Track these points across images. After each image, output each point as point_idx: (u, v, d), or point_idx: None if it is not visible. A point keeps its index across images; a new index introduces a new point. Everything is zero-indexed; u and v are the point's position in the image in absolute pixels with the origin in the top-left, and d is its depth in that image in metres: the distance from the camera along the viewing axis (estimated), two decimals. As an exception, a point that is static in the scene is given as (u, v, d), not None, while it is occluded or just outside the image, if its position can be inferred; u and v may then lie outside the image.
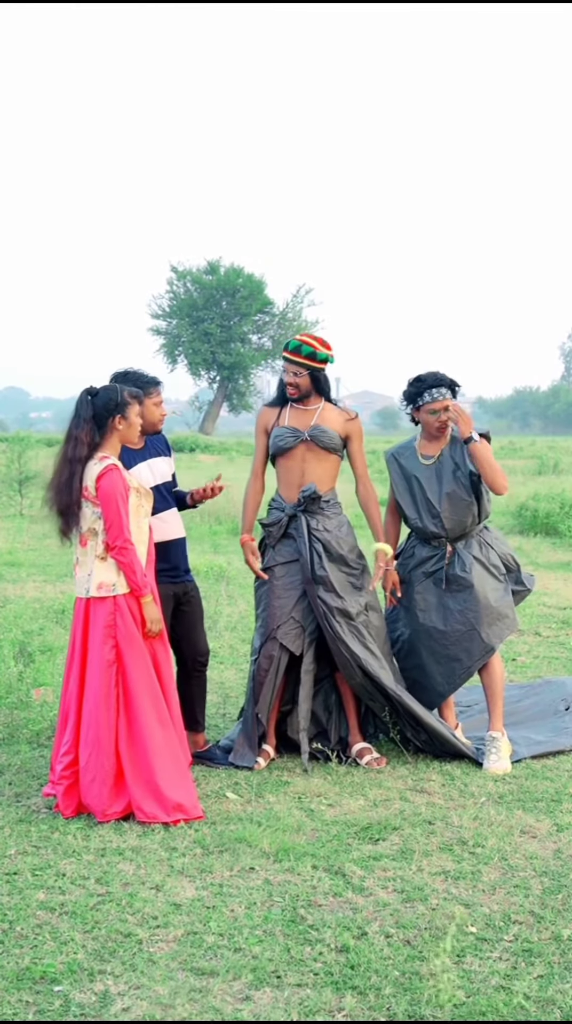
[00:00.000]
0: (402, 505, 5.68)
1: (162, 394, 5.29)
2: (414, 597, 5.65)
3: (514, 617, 5.60)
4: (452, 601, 5.54)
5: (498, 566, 5.59)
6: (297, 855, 4.30)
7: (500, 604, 5.53)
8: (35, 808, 4.86)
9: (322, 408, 5.57)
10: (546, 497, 15.32)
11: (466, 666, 5.55)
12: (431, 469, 5.58)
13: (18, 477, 18.01)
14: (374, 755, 5.51)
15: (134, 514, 4.78)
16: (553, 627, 8.90)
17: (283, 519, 5.54)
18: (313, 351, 5.49)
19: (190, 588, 5.43)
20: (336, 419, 5.58)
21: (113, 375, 5.22)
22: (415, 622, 5.63)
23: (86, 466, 4.75)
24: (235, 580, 10.43)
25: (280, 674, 5.47)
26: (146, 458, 5.26)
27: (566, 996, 3.28)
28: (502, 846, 4.43)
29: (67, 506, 4.74)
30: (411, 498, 5.63)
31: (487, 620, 5.49)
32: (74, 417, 4.81)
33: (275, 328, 62.02)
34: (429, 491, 5.55)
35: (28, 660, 6.26)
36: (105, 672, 4.69)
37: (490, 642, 5.50)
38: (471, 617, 5.49)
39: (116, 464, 4.75)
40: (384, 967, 3.44)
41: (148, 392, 5.17)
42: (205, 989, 3.32)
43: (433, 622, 5.57)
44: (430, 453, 5.61)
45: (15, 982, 3.36)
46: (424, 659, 5.63)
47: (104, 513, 4.71)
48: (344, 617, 5.43)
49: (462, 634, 5.51)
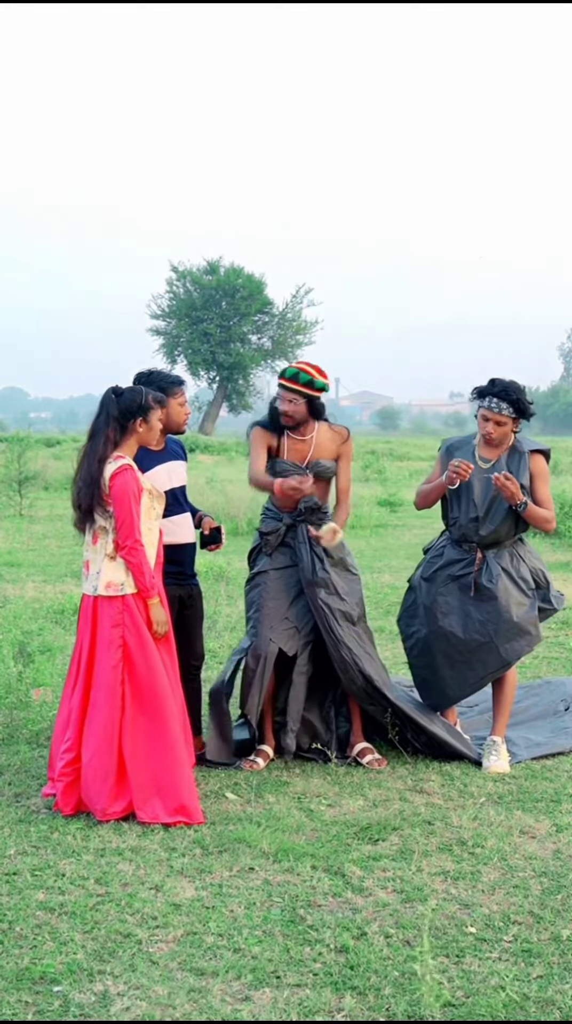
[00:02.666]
0: (447, 500, 5.58)
1: (186, 394, 5.33)
2: (436, 598, 5.54)
3: (537, 634, 5.47)
4: (475, 610, 5.45)
5: (527, 580, 5.47)
6: (296, 855, 4.30)
7: (523, 620, 5.41)
8: (34, 808, 4.86)
9: (316, 434, 5.54)
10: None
11: (479, 676, 5.50)
12: (485, 473, 5.44)
13: (17, 477, 18.00)
14: (375, 755, 5.51)
15: (145, 516, 4.78)
16: (553, 627, 8.89)
17: (281, 528, 5.53)
18: (311, 379, 5.46)
19: (194, 592, 5.43)
20: (330, 445, 5.56)
21: (136, 376, 5.24)
22: (433, 623, 5.55)
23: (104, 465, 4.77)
24: (235, 580, 10.42)
25: (267, 674, 5.41)
26: (165, 460, 5.26)
27: (565, 996, 3.28)
28: (501, 846, 4.43)
29: (90, 504, 4.75)
30: (456, 495, 5.52)
31: (507, 634, 5.40)
32: (101, 414, 4.81)
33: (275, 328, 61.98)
34: (476, 494, 5.43)
35: (28, 660, 6.25)
36: (111, 671, 4.69)
37: (507, 657, 5.43)
38: (491, 629, 5.41)
39: (130, 464, 4.76)
40: (383, 967, 3.44)
41: (172, 392, 5.21)
42: (204, 989, 3.32)
43: (452, 627, 5.49)
44: (488, 457, 5.48)
45: (14, 982, 3.36)
46: (437, 661, 5.57)
47: (116, 513, 4.71)
48: (346, 620, 5.42)
49: (480, 645, 5.43)
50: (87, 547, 4.86)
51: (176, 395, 5.23)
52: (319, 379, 5.48)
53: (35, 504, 17.83)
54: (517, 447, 5.48)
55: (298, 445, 5.56)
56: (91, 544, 4.83)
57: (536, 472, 5.44)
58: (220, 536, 5.44)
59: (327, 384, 5.52)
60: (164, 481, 5.20)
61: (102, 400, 4.86)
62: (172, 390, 5.21)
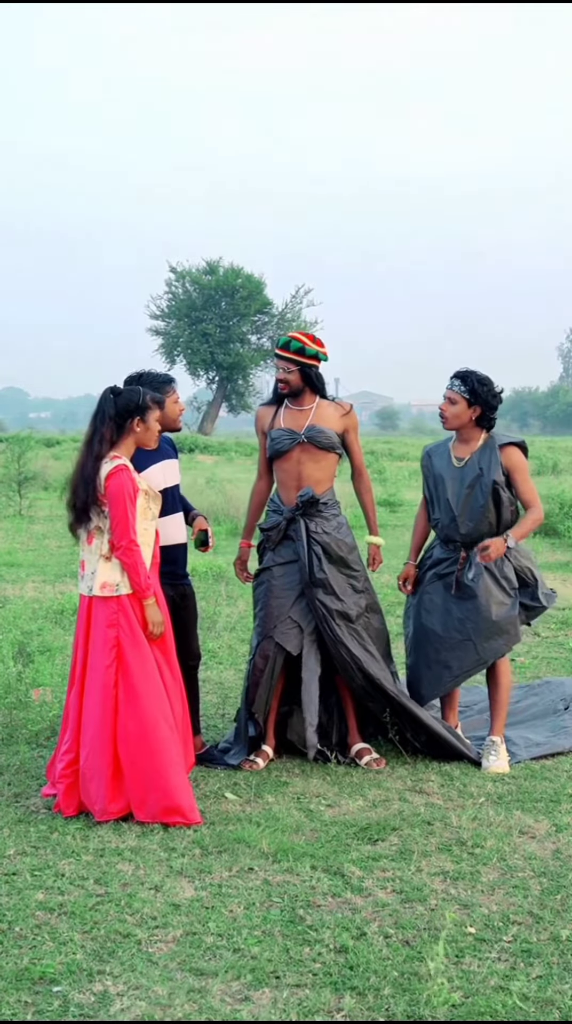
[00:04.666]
0: (429, 502, 5.69)
1: (178, 391, 5.37)
2: (422, 596, 5.65)
3: (515, 634, 5.49)
4: (456, 608, 5.50)
5: (510, 579, 5.49)
6: (296, 855, 4.30)
7: (502, 619, 5.44)
8: (34, 808, 4.86)
9: (317, 406, 5.57)
10: (545, 497, 15.29)
11: (454, 675, 5.54)
12: (458, 471, 5.52)
13: (17, 477, 18.00)
14: (373, 756, 5.51)
15: (141, 516, 4.78)
16: (552, 627, 8.90)
17: (281, 523, 5.54)
18: (302, 346, 5.49)
19: (187, 591, 5.44)
20: (332, 415, 5.58)
21: (127, 378, 5.25)
22: (418, 621, 5.65)
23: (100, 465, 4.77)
24: (234, 580, 10.42)
25: (276, 674, 5.45)
26: (159, 460, 5.28)
27: (565, 996, 3.28)
28: (501, 846, 4.43)
29: (85, 504, 4.75)
30: (435, 497, 5.62)
31: (486, 633, 5.44)
32: (98, 414, 4.82)
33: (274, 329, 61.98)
34: (451, 492, 5.51)
35: (27, 660, 6.26)
36: (104, 672, 4.69)
37: (483, 656, 5.46)
38: (469, 627, 5.45)
39: (126, 464, 4.76)
40: (383, 967, 3.44)
41: (165, 391, 5.24)
42: (204, 989, 3.32)
43: (433, 624, 5.56)
44: (462, 455, 5.55)
45: (14, 982, 3.36)
46: (417, 659, 5.65)
47: (111, 512, 4.71)
48: (344, 619, 5.42)
49: (457, 642, 5.48)
50: (83, 547, 4.86)
51: (169, 393, 5.27)
52: (312, 347, 5.51)
53: (35, 504, 17.83)
54: (489, 443, 5.54)
55: (295, 414, 5.58)
56: (87, 544, 4.83)
57: (513, 466, 5.48)
58: (207, 538, 5.46)
59: (321, 352, 5.54)
60: (159, 480, 5.21)
61: (100, 399, 4.87)
62: (164, 389, 5.24)
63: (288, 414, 5.59)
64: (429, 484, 5.69)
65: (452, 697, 5.77)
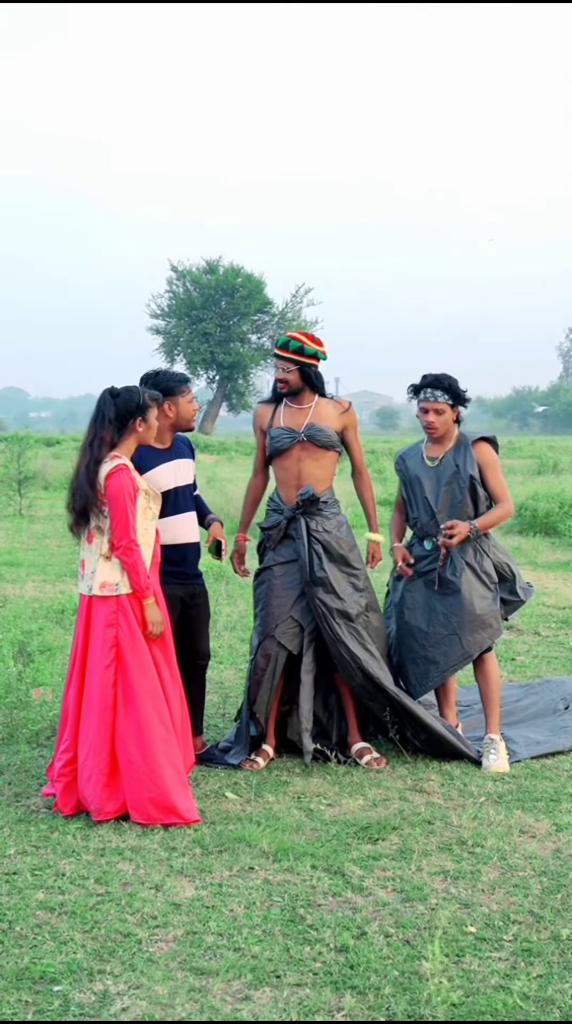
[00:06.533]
0: (406, 503, 5.74)
1: (193, 391, 5.40)
2: (404, 595, 5.68)
3: (498, 627, 5.57)
4: (439, 604, 5.55)
5: (490, 574, 5.56)
6: (296, 855, 4.30)
7: (485, 613, 5.51)
8: (34, 808, 4.86)
9: (316, 405, 5.58)
10: (545, 497, 15.31)
11: (441, 670, 5.57)
12: (433, 470, 5.61)
13: (17, 477, 18.00)
14: (374, 755, 5.51)
15: (141, 516, 4.78)
16: (552, 627, 8.90)
17: (282, 522, 5.54)
18: (301, 346, 5.51)
19: (198, 591, 5.43)
20: (331, 414, 5.59)
21: (143, 376, 5.27)
22: (401, 619, 5.68)
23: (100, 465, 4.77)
24: (235, 580, 10.42)
25: (278, 673, 5.46)
26: (172, 459, 5.28)
27: (565, 996, 3.28)
28: (501, 846, 4.43)
29: (85, 507, 4.75)
30: (412, 497, 5.69)
31: (470, 627, 5.49)
32: (98, 417, 4.81)
33: (274, 328, 62.00)
34: (428, 491, 5.59)
35: (27, 660, 6.26)
36: (103, 672, 4.69)
37: (469, 649, 5.51)
38: (454, 622, 5.50)
39: (126, 464, 4.76)
40: (383, 967, 3.44)
41: (180, 391, 5.27)
42: (204, 989, 3.32)
43: (417, 622, 5.60)
44: (434, 455, 5.64)
45: (14, 982, 3.36)
46: (403, 657, 5.67)
47: (111, 512, 4.71)
48: (344, 618, 5.43)
49: (443, 637, 5.53)
50: (83, 546, 4.86)
51: (184, 393, 5.30)
52: (310, 346, 5.52)
53: (35, 504, 17.82)
54: (461, 440, 5.61)
55: (295, 412, 5.59)
56: (87, 544, 4.83)
57: (484, 461, 5.56)
58: (219, 551, 5.45)
59: (320, 351, 5.55)
60: (170, 479, 5.21)
61: (98, 402, 4.86)
62: (180, 389, 5.27)
63: (287, 412, 5.60)
64: (406, 486, 5.75)
65: (448, 694, 5.79)
